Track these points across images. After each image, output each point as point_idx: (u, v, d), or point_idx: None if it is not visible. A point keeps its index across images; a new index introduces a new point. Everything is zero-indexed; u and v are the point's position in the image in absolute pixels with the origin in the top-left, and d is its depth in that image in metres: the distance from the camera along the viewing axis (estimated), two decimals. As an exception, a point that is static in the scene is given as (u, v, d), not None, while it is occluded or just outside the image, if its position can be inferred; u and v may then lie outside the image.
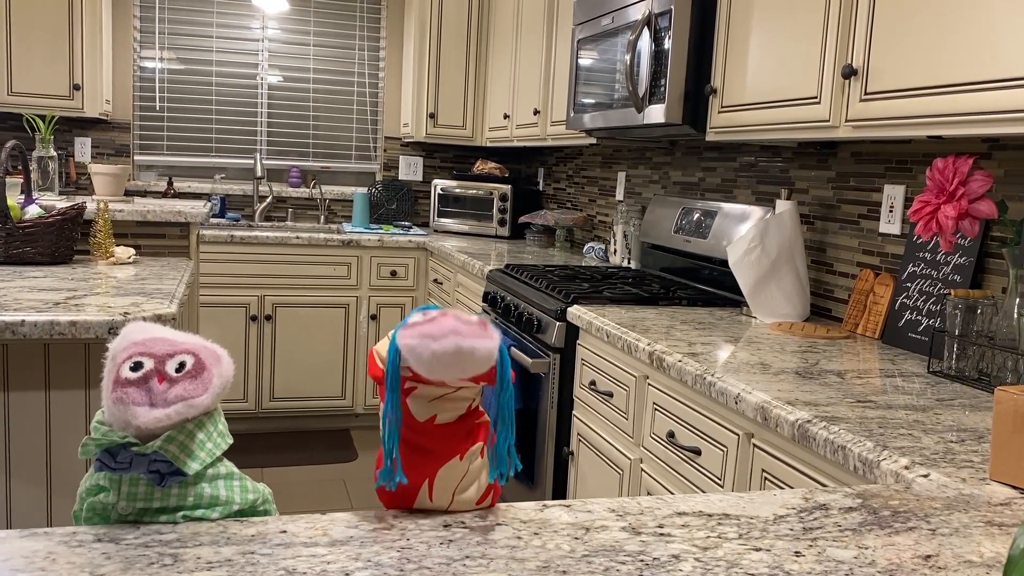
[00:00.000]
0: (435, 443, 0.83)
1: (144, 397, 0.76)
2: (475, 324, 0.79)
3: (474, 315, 0.81)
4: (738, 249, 2.23)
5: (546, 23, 3.66)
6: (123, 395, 0.76)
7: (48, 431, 1.83)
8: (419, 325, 0.79)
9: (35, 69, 3.98)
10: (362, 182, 4.98)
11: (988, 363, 1.62)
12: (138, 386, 0.77)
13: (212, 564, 0.72)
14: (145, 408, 0.76)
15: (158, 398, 0.76)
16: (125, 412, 0.76)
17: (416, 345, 0.78)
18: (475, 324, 0.79)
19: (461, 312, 0.81)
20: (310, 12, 4.77)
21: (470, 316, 0.80)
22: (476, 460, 0.85)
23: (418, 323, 0.79)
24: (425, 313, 0.81)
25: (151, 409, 0.76)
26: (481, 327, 0.79)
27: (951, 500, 1.00)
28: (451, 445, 0.84)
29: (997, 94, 1.42)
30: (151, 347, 0.79)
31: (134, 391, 0.76)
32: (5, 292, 1.92)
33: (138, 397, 0.76)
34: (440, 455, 0.83)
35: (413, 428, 0.83)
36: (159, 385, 0.77)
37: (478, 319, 0.80)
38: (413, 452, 0.83)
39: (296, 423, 4.34)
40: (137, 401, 0.76)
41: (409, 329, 0.79)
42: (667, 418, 1.81)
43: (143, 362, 0.78)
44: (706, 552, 0.81)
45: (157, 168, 4.68)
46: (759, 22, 2.12)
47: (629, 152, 3.64)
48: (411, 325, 0.79)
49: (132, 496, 0.78)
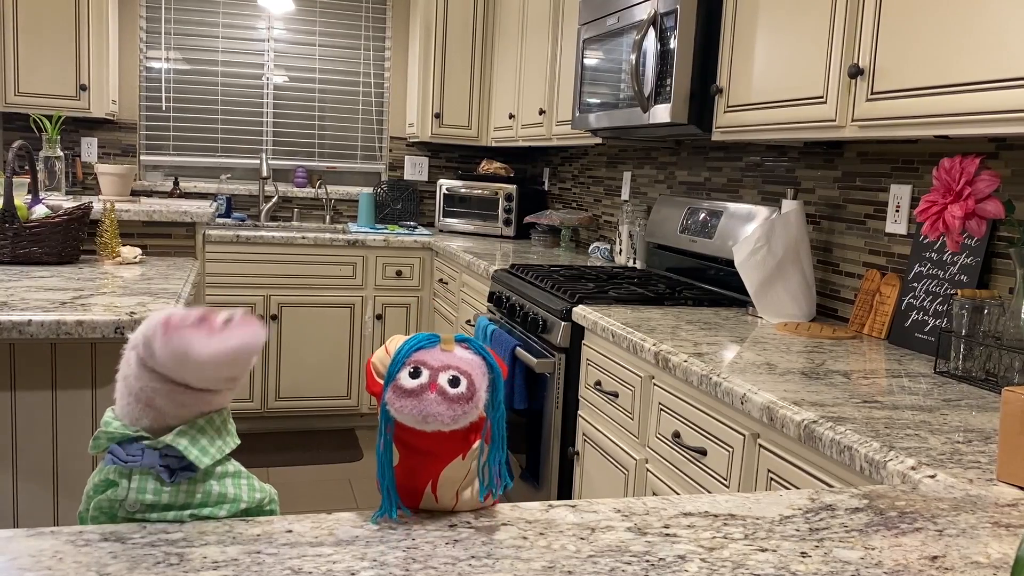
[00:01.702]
0: (436, 444, 0.83)
1: (203, 332, 0.79)
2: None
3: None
4: (744, 249, 2.22)
5: (551, 23, 3.66)
6: (179, 331, 0.78)
7: (55, 431, 1.84)
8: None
9: (42, 69, 3.99)
10: (368, 182, 4.98)
11: (995, 363, 1.61)
12: (195, 326, 0.79)
13: (218, 563, 0.72)
14: (203, 338, 0.78)
15: (215, 332, 0.79)
16: (184, 343, 0.78)
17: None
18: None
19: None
20: (316, 12, 4.77)
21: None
22: (476, 460, 0.85)
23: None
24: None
25: (209, 338, 0.78)
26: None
27: (958, 501, 1.00)
28: (452, 445, 0.84)
29: (1004, 93, 1.42)
30: (191, 310, 0.82)
31: (190, 328, 0.79)
32: (12, 292, 1.93)
33: (195, 332, 0.78)
34: (442, 456, 0.83)
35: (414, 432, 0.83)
36: (215, 323, 0.79)
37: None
38: (415, 455, 0.83)
39: (301, 423, 4.35)
40: (195, 333, 0.78)
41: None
42: (673, 418, 1.81)
43: (190, 314, 0.80)
44: (712, 553, 0.81)
45: (163, 168, 4.69)
46: (765, 22, 2.12)
47: (635, 152, 3.64)
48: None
49: (142, 490, 0.78)
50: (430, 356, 0.81)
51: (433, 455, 0.83)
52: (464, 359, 0.81)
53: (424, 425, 0.79)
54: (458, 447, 0.83)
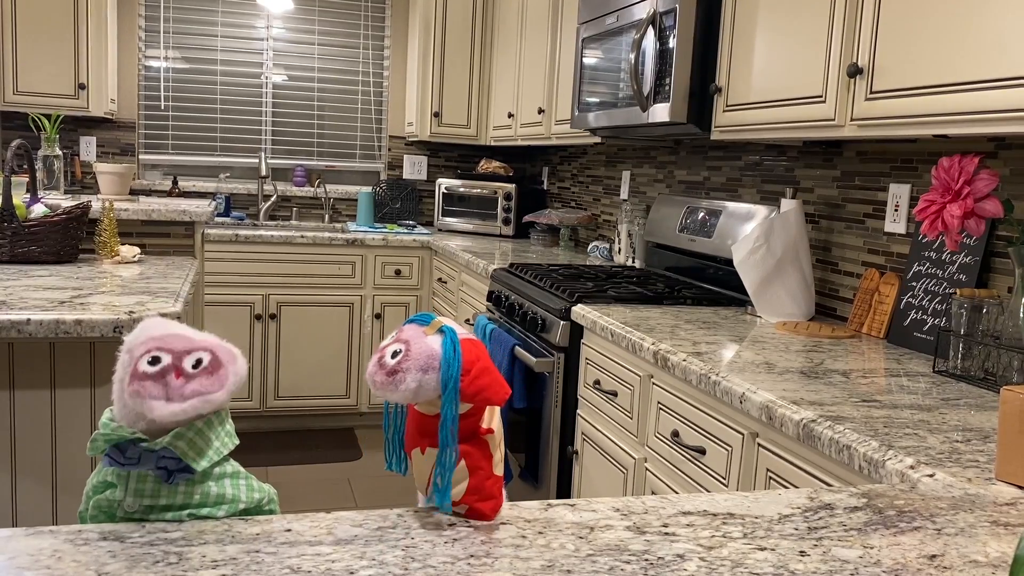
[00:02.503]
0: (412, 426, 0.86)
1: (161, 391, 0.77)
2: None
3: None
4: (743, 248, 2.22)
5: (550, 22, 3.65)
6: (140, 388, 0.76)
7: (53, 430, 1.84)
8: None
9: (40, 68, 3.99)
10: (367, 181, 4.98)
11: (994, 363, 1.61)
12: (155, 380, 0.77)
13: (217, 562, 0.72)
14: (161, 402, 0.76)
15: (175, 392, 0.77)
16: (141, 405, 0.76)
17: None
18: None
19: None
20: (315, 11, 4.77)
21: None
22: (431, 462, 0.87)
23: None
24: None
25: (167, 403, 0.76)
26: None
27: (957, 500, 1.00)
28: (418, 437, 0.85)
29: (1003, 93, 1.42)
30: (169, 343, 0.79)
31: (151, 384, 0.77)
32: (11, 291, 1.93)
33: (155, 391, 0.76)
34: (411, 438, 0.87)
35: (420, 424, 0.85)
36: (176, 380, 0.77)
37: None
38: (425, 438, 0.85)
39: (301, 422, 4.34)
40: (154, 395, 0.76)
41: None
42: (672, 417, 1.81)
43: (161, 357, 0.78)
44: (711, 552, 0.81)
45: (162, 167, 4.69)
46: (764, 21, 2.12)
47: (634, 151, 3.64)
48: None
49: (139, 492, 0.78)
50: (407, 331, 0.83)
51: (411, 433, 0.85)
52: (418, 339, 0.82)
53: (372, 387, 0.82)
54: (421, 439, 0.84)
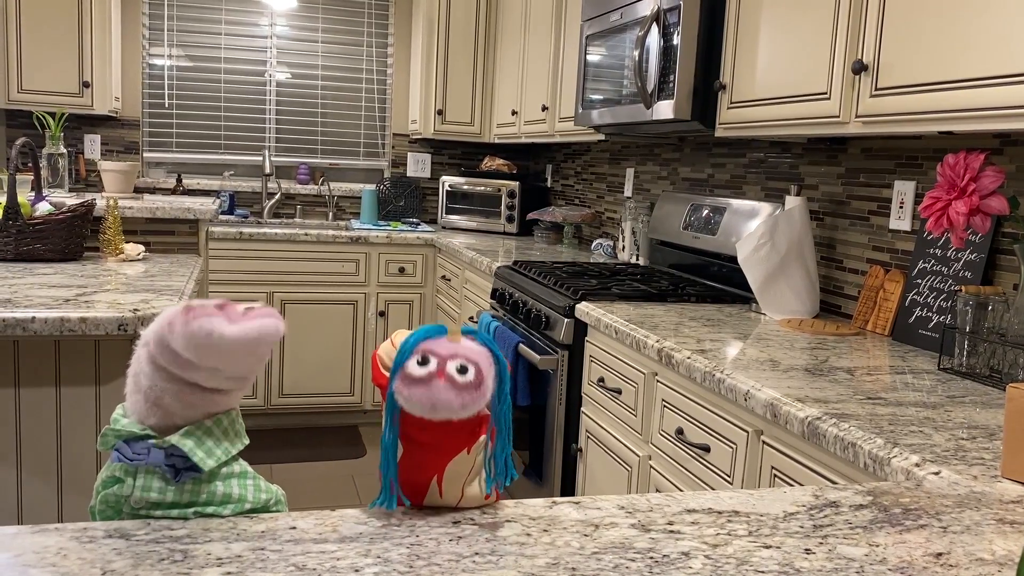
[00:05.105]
0: (442, 438, 0.83)
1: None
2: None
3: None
4: (747, 245, 2.22)
5: (554, 19, 3.65)
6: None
7: (59, 427, 1.84)
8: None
9: (45, 66, 3.99)
10: (370, 179, 4.98)
11: (999, 360, 1.61)
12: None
13: (222, 560, 0.72)
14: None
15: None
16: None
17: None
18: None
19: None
20: (318, 9, 4.77)
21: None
22: (481, 453, 0.85)
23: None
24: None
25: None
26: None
27: (962, 498, 1.00)
28: (458, 439, 0.84)
29: (1009, 89, 1.41)
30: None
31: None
32: (16, 289, 1.93)
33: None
34: (447, 450, 0.83)
35: (419, 425, 0.83)
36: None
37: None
38: (420, 449, 0.83)
39: (305, 420, 4.35)
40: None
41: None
42: (676, 415, 1.81)
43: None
44: (716, 549, 0.80)
45: (166, 165, 4.69)
46: (769, 17, 2.11)
47: (638, 148, 3.63)
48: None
49: (146, 488, 0.79)
50: (438, 345, 0.80)
51: (439, 449, 0.83)
52: (471, 348, 0.81)
53: (433, 413, 0.79)
54: (463, 441, 0.83)
